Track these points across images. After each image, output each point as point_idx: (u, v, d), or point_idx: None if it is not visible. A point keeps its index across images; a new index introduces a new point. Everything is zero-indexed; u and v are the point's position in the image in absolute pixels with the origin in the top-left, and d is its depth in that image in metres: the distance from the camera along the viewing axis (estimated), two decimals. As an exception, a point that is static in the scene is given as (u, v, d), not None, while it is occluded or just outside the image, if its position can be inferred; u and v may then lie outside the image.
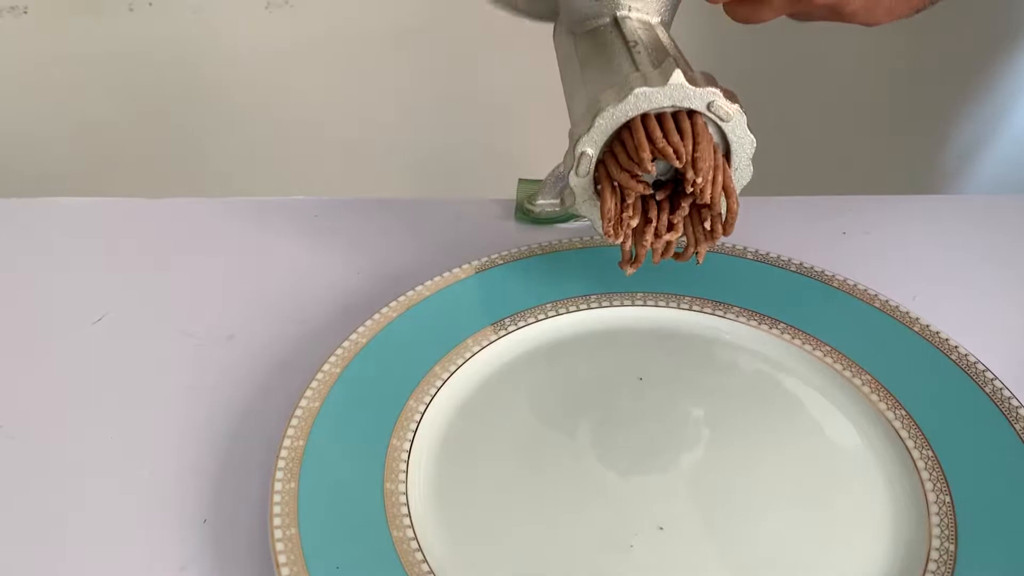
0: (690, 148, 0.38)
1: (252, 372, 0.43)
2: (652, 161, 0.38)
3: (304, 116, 1.13)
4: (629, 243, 0.42)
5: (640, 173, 0.39)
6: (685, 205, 0.41)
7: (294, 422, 0.37)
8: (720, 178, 0.39)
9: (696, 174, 0.38)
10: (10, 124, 1.10)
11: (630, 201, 0.40)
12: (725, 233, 0.42)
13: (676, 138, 0.38)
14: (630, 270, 0.43)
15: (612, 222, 0.40)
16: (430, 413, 0.39)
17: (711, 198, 0.39)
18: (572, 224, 0.54)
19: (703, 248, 0.42)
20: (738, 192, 0.42)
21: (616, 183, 0.40)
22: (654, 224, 0.41)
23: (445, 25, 1.08)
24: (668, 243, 0.42)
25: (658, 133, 0.38)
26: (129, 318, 0.47)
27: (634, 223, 0.41)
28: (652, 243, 0.42)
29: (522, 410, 0.40)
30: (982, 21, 0.99)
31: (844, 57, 1.04)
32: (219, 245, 0.53)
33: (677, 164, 0.38)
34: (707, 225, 0.41)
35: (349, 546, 0.33)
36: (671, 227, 0.42)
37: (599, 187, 0.41)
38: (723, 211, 0.41)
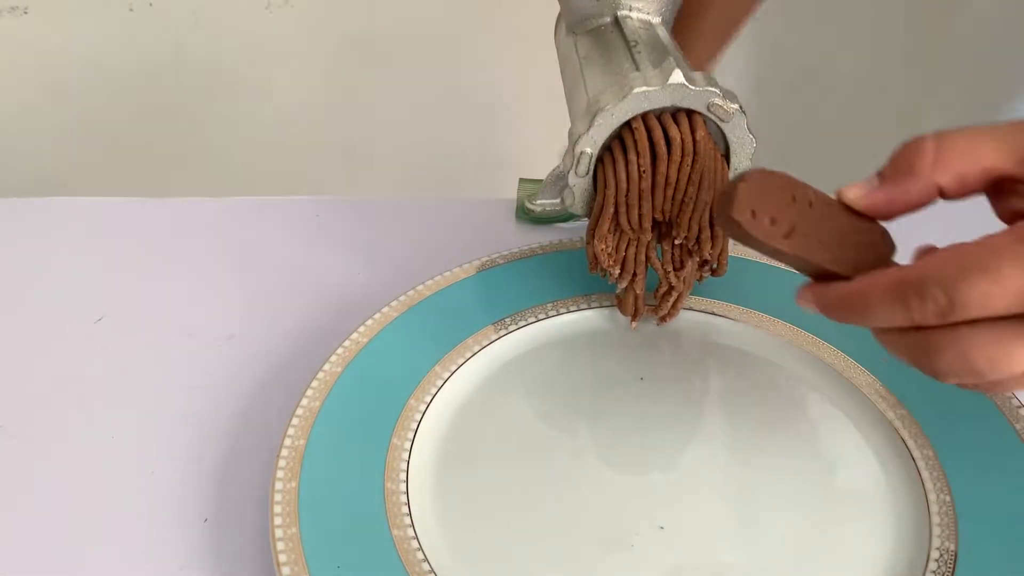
0: (675, 212, 0.40)
1: (252, 372, 0.43)
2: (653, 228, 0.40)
3: (304, 116, 1.13)
4: (632, 297, 0.43)
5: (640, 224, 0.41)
6: (690, 263, 0.42)
7: (295, 421, 0.37)
8: (719, 244, 0.41)
9: (678, 233, 0.40)
10: (10, 124, 1.10)
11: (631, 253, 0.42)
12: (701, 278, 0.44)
13: (667, 205, 0.40)
14: (634, 324, 0.44)
15: (597, 266, 0.42)
16: (430, 413, 0.39)
17: (711, 256, 0.41)
18: (572, 224, 0.54)
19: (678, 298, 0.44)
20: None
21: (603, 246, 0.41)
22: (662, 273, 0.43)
23: (445, 25, 1.08)
24: (674, 300, 0.44)
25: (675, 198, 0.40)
26: (129, 318, 0.47)
27: (617, 271, 0.42)
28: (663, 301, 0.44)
29: (522, 409, 0.40)
30: (986, 20, 0.99)
31: (844, 58, 1.05)
32: (219, 245, 0.53)
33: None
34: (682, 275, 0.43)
35: (350, 545, 0.33)
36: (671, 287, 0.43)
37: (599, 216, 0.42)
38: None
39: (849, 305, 0.28)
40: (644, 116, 0.39)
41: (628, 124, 0.39)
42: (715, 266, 0.42)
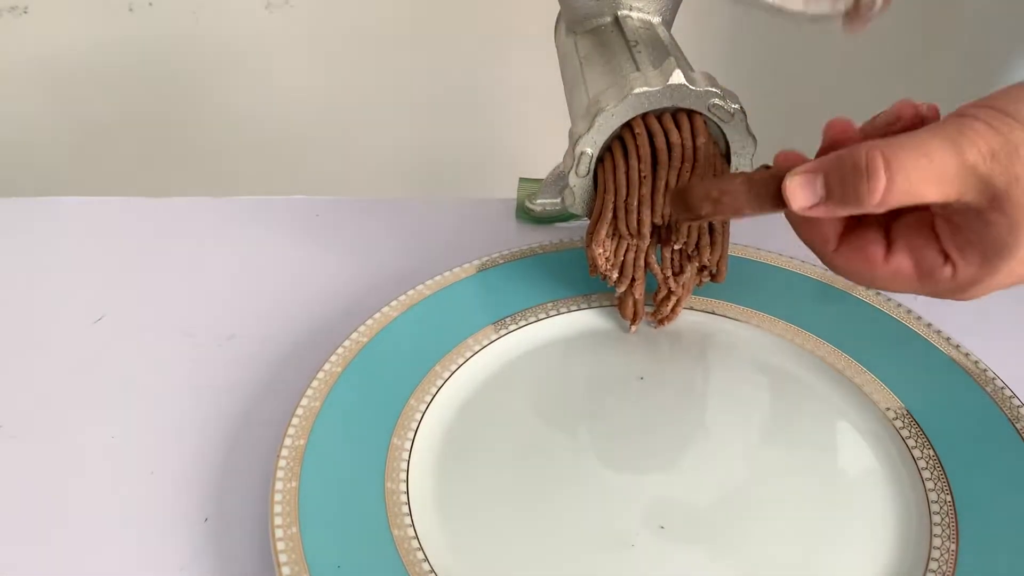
0: (671, 216, 0.40)
1: (252, 372, 0.43)
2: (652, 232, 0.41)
3: (304, 116, 1.13)
4: (631, 301, 0.43)
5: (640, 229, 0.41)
6: (689, 268, 0.42)
7: (295, 421, 0.37)
8: (718, 250, 0.41)
9: (677, 239, 0.41)
10: (10, 124, 1.10)
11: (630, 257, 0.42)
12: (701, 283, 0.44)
13: (666, 209, 0.40)
14: (633, 328, 0.44)
15: (599, 269, 0.42)
16: (431, 413, 0.39)
17: (709, 263, 0.42)
18: (572, 224, 0.54)
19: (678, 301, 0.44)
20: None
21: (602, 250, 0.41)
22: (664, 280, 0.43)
23: (445, 25, 1.08)
24: (672, 304, 0.44)
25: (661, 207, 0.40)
26: (129, 318, 0.47)
27: (614, 274, 0.43)
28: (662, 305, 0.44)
29: (523, 409, 0.40)
30: (988, 21, 0.99)
31: (846, 57, 1.05)
32: (219, 245, 0.53)
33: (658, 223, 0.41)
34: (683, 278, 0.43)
35: (350, 545, 0.33)
36: (671, 291, 0.43)
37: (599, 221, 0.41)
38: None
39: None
40: (644, 117, 0.39)
41: (628, 124, 0.39)
42: (714, 271, 0.42)
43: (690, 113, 0.39)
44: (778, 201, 0.32)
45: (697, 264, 0.42)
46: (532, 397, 0.41)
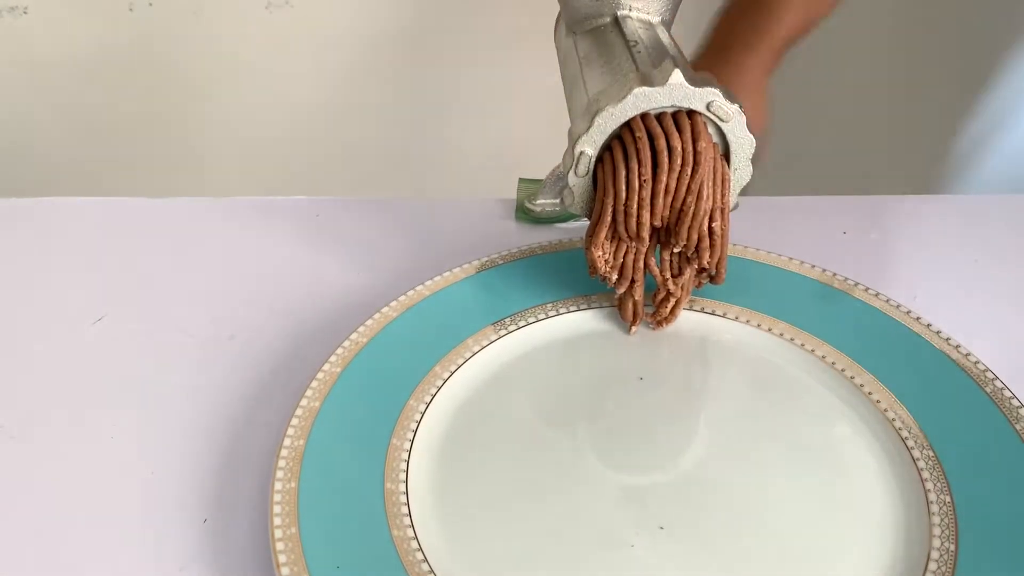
0: (673, 220, 0.40)
1: (252, 372, 0.43)
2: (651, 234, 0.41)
3: (304, 116, 1.13)
4: (631, 302, 0.43)
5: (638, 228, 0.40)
6: (688, 270, 0.42)
7: (294, 422, 0.37)
8: (717, 252, 0.41)
9: (676, 242, 0.40)
10: (10, 124, 1.10)
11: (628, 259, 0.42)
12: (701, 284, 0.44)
13: (665, 212, 0.40)
14: (633, 329, 0.44)
15: (599, 272, 0.42)
16: (430, 413, 0.39)
17: (709, 264, 0.42)
18: (572, 224, 0.54)
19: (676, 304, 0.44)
20: (738, 192, 0.42)
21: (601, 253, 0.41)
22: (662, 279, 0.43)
23: (445, 25, 1.08)
24: (672, 306, 0.44)
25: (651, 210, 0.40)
26: (129, 318, 0.47)
27: (615, 276, 0.43)
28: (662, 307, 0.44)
29: (522, 410, 0.40)
30: (984, 20, 0.99)
31: (845, 57, 1.04)
32: (219, 245, 0.53)
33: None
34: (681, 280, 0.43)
35: (349, 546, 0.33)
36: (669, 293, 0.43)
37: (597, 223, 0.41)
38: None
39: None
40: (644, 117, 0.39)
41: (628, 124, 0.39)
42: (713, 273, 0.42)
43: (690, 113, 0.39)
44: None
45: (696, 266, 0.42)
46: (532, 398, 0.41)
